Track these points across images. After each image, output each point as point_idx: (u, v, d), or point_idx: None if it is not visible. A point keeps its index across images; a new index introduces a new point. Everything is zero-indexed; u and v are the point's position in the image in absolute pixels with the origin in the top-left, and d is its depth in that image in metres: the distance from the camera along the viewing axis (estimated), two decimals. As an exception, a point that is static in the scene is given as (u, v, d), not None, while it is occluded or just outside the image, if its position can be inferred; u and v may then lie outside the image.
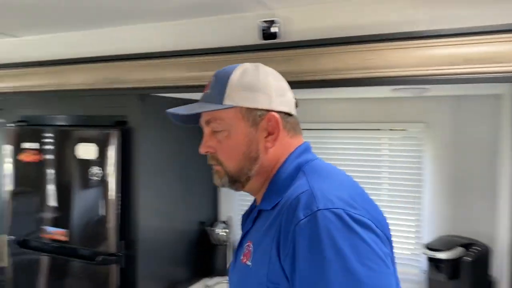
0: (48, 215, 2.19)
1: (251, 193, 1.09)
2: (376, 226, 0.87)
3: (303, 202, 0.87)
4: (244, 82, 1.01)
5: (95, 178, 2.04)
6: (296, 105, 1.08)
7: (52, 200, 2.18)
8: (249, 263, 0.96)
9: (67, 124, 2.26)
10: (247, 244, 1.00)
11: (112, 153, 2.01)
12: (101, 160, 2.03)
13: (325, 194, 0.87)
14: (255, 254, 0.96)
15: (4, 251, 2.34)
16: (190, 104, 1.05)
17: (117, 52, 2.02)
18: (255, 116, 1.00)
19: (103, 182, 2.03)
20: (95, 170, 2.04)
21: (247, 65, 1.04)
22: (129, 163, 2.02)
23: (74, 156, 2.10)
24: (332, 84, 1.60)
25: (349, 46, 1.55)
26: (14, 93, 2.34)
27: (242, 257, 1.00)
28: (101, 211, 2.03)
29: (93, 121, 2.17)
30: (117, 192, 2.01)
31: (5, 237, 2.33)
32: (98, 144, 2.04)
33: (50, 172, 2.19)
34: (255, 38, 1.70)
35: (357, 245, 0.82)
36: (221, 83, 1.02)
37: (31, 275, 2.26)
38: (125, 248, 2.04)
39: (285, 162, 1.02)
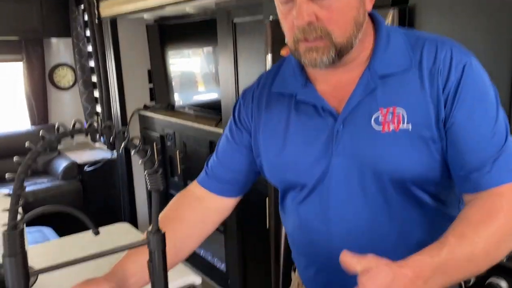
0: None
1: (331, 67, 0.92)
2: None
3: (455, 50, 0.90)
4: None
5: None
6: None
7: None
8: (405, 127, 0.90)
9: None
10: (388, 110, 0.90)
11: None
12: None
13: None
14: (410, 115, 0.90)
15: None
16: None
17: None
18: None
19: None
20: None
21: None
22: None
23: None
24: None
25: None
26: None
27: (383, 127, 0.91)
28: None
29: None
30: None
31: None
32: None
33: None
34: None
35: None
36: None
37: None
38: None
39: (380, 23, 0.96)
